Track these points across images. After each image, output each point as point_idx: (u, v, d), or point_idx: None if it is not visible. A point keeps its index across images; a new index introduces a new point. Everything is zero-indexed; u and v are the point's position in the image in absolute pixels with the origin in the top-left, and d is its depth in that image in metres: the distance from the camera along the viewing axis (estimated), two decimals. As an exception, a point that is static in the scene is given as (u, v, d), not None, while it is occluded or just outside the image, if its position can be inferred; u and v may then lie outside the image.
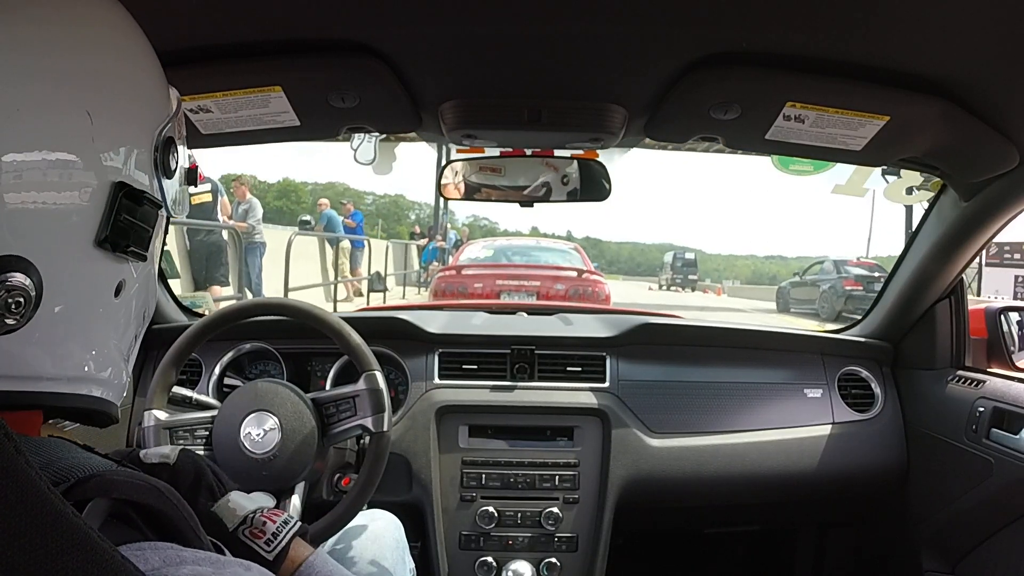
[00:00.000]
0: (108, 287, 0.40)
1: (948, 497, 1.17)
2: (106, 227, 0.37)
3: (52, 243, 0.35)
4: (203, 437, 0.89)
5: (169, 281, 1.44)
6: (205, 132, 0.95)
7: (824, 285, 10.82)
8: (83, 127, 0.36)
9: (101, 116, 0.37)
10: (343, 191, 40.53)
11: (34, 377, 0.36)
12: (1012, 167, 0.95)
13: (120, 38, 0.41)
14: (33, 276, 0.33)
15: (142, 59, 0.42)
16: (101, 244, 0.37)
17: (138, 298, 0.44)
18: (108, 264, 0.39)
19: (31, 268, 0.33)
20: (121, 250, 0.39)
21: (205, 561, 0.34)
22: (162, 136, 0.43)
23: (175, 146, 0.44)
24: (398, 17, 0.74)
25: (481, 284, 5.27)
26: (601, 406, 1.22)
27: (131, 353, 0.46)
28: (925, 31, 0.72)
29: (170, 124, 0.44)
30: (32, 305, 0.34)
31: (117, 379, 0.43)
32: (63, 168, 0.35)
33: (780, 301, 12.83)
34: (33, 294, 0.34)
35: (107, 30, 0.40)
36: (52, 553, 0.26)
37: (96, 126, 0.36)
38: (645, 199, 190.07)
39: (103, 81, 0.38)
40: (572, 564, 1.18)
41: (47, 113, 0.34)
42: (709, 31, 0.75)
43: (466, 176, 1.14)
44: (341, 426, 0.89)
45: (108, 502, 0.34)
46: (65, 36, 0.36)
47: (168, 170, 0.44)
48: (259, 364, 1.28)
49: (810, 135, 0.93)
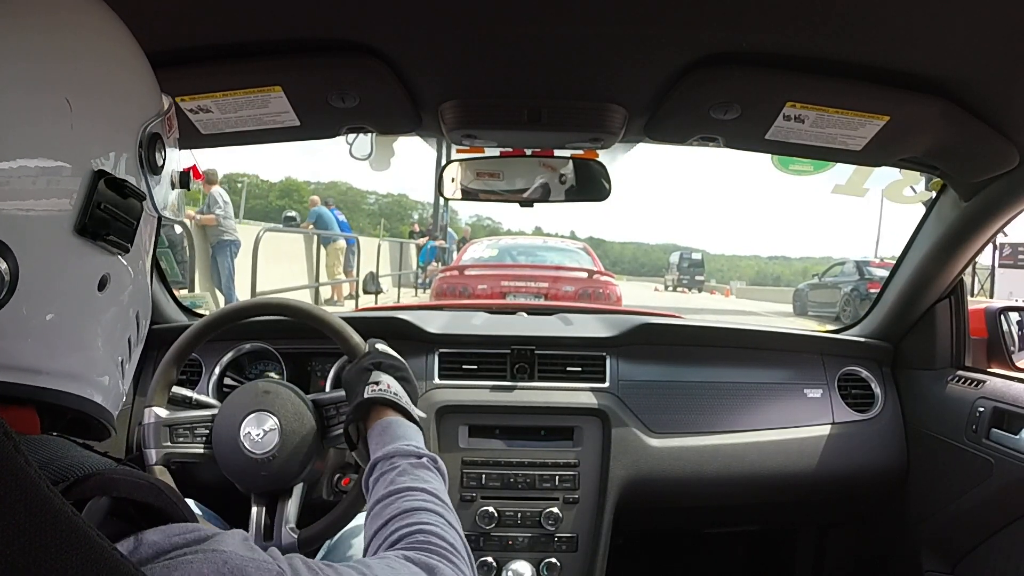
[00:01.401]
0: (90, 279, 0.40)
1: (948, 497, 1.17)
2: (84, 215, 0.37)
3: (29, 228, 0.35)
4: (203, 436, 0.89)
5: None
6: (205, 132, 0.95)
7: (846, 287, 10.16)
8: (62, 113, 0.36)
9: (81, 102, 0.37)
10: (346, 190, 40.33)
11: (31, 370, 0.37)
12: (1012, 167, 0.95)
13: (102, 32, 0.41)
14: (9, 260, 0.34)
15: (126, 55, 0.43)
16: (81, 233, 0.37)
17: (128, 298, 0.44)
18: (90, 255, 0.39)
19: (7, 251, 0.34)
20: (101, 239, 0.39)
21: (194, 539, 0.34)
22: (147, 132, 0.43)
23: (162, 143, 0.45)
24: (398, 17, 0.74)
25: (485, 285, 5.02)
26: (601, 406, 1.22)
27: (128, 362, 0.46)
28: (925, 31, 0.72)
29: (157, 121, 0.44)
30: (7, 289, 0.34)
31: (114, 388, 0.43)
32: (40, 153, 0.35)
33: (797, 304, 12.23)
34: (8, 279, 0.34)
35: (89, 21, 0.40)
36: (51, 552, 0.26)
37: (75, 112, 0.37)
38: (648, 198, 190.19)
39: (82, 68, 0.38)
40: (572, 564, 1.18)
41: (25, 97, 0.34)
42: (709, 31, 0.75)
43: (466, 177, 1.14)
44: (340, 429, 0.89)
45: (108, 501, 0.34)
46: (45, 25, 0.37)
47: (154, 166, 0.44)
48: (259, 364, 1.28)
49: (810, 135, 0.93)
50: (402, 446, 0.68)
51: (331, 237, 8.12)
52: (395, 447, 0.68)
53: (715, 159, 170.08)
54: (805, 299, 11.88)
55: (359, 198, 41.28)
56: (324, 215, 8.20)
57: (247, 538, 0.37)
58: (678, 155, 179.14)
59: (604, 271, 5.59)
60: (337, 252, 8.27)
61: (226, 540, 0.35)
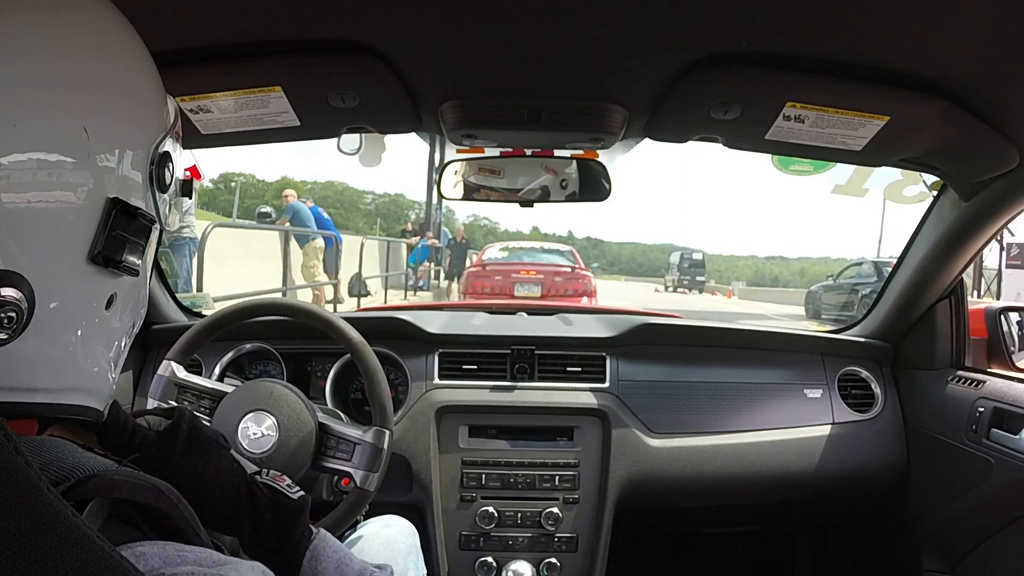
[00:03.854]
0: (100, 301, 0.40)
1: (948, 497, 1.17)
2: (100, 242, 0.37)
3: (46, 258, 0.35)
4: (206, 408, 0.90)
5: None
6: (205, 132, 0.95)
7: (864, 290, 9.35)
8: (80, 142, 0.36)
9: (97, 132, 0.37)
10: (342, 190, 40.17)
11: (30, 389, 0.37)
12: (1012, 167, 0.95)
13: (119, 52, 0.40)
14: (25, 290, 0.33)
15: (141, 72, 0.42)
16: (94, 259, 0.37)
17: (129, 309, 0.44)
18: (101, 279, 0.39)
19: (23, 282, 0.33)
20: (114, 266, 0.38)
21: (206, 560, 0.34)
22: (158, 151, 0.42)
23: (171, 161, 0.44)
24: (398, 17, 0.74)
25: (500, 277, 7.31)
26: (601, 406, 1.22)
27: (119, 359, 0.46)
28: (925, 31, 0.72)
29: (167, 138, 0.44)
30: (24, 320, 0.34)
31: (106, 387, 0.44)
32: (59, 183, 0.35)
33: (810, 307, 11.52)
34: (25, 307, 0.33)
35: (108, 41, 0.39)
36: (51, 554, 0.26)
37: (92, 141, 0.36)
38: (645, 199, 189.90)
39: (101, 96, 0.38)
40: (572, 564, 1.18)
41: (44, 127, 0.34)
42: (709, 31, 0.75)
43: (465, 177, 1.14)
44: (333, 463, 0.88)
45: (109, 502, 0.34)
46: (64, 50, 0.36)
47: (163, 185, 0.43)
48: (259, 364, 1.28)
49: (810, 135, 0.93)
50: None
51: (308, 236, 7.21)
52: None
53: (711, 159, 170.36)
54: (819, 302, 11.12)
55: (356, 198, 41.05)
56: (301, 211, 7.22)
57: (265, 571, 0.37)
58: (674, 154, 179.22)
59: (583, 266, 8.10)
60: (316, 252, 7.40)
61: (241, 569, 0.35)
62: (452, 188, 1.15)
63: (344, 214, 32.61)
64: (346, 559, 0.59)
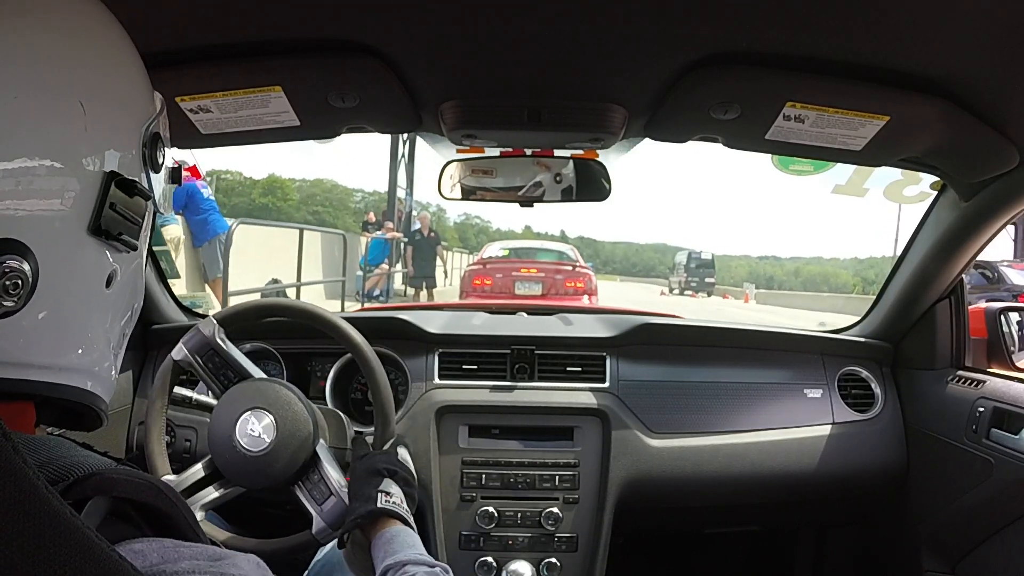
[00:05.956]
0: (100, 277, 0.41)
1: (948, 497, 1.17)
2: (98, 215, 0.38)
3: (47, 229, 0.36)
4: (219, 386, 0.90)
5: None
6: (205, 132, 0.95)
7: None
8: (77, 116, 0.37)
9: (93, 108, 0.38)
10: (331, 188, 39.65)
11: (25, 364, 0.37)
12: (1012, 167, 0.95)
13: (109, 39, 0.42)
14: (30, 260, 0.34)
15: (130, 57, 0.44)
16: (94, 232, 0.38)
17: (127, 290, 0.44)
18: (100, 254, 0.40)
19: (28, 252, 0.34)
20: (113, 238, 0.40)
21: (204, 555, 0.34)
22: (149, 131, 0.44)
23: (162, 141, 0.46)
24: (398, 17, 0.74)
25: (501, 275, 7.16)
26: (601, 406, 1.22)
27: (120, 348, 0.46)
28: (925, 31, 0.72)
29: (156, 120, 0.45)
30: (29, 289, 0.34)
31: (106, 373, 0.44)
32: (59, 154, 0.36)
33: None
34: (30, 278, 0.34)
35: (97, 26, 0.41)
36: (49, 553, 0.26)
37: (89, 117, 0.37)
38: (638, 198, 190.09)
39: (97, 76, 0.39)
40: (572, 564, 1.18)
41: (43, 101, 0.35)
42: (709, 31, 0.75)
43: (461, 178, 1.14)
44: (303, 495, 0.85)
45: (108, 500, 0.34)
46: (59, 32, 0.37)
47: (156, 164, 0.45)
48: (259, 364, 1.28)
49: (810, 135, 0.93)
50: (414, 555, 0.70)
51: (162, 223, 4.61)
52: (407, 555, 0.69)
53: (705, 158, 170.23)
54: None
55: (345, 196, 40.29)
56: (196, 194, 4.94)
57: (260, 564, 0.38)
58: (667, 154, 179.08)
59: (583, 263, 8.03)
60: (176, 245, 5.01)
61: (239, 563, 0.35)
62: (450, 189, 1.15)
63: (334, 212, 31.87)
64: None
